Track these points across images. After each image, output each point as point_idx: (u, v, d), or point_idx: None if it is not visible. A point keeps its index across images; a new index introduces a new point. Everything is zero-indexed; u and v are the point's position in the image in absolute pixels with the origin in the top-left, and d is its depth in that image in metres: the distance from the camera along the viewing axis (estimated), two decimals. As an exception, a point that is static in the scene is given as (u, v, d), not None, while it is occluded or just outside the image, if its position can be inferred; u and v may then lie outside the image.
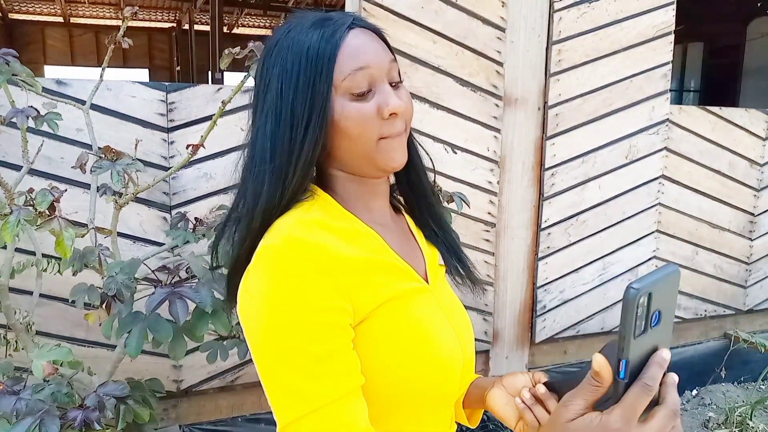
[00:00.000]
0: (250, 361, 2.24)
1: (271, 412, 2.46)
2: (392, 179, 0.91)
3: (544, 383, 0.80)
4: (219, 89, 2.40)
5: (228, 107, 2.34)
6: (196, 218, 2.02)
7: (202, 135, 1.66)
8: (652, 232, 3.20)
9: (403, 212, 0.93)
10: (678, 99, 10.65)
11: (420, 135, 2.64)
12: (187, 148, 1.66)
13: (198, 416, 2.51)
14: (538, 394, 0.79)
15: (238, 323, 2.02)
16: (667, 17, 3.06)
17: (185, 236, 1.93)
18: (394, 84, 0.77)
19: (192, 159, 2.30)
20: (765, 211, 3.51)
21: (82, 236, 1.48)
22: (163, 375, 2.36)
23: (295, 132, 0.73)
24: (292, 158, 0.73)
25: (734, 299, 3.52)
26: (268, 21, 12.05)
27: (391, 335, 0.73)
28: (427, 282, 0.83)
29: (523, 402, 0.79)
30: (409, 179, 0.90)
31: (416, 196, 0.91)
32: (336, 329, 0.68)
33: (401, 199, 0.94)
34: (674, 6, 3.07)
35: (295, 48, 0.73)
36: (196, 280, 1.59)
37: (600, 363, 0.55)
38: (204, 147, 1.70)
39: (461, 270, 0.93)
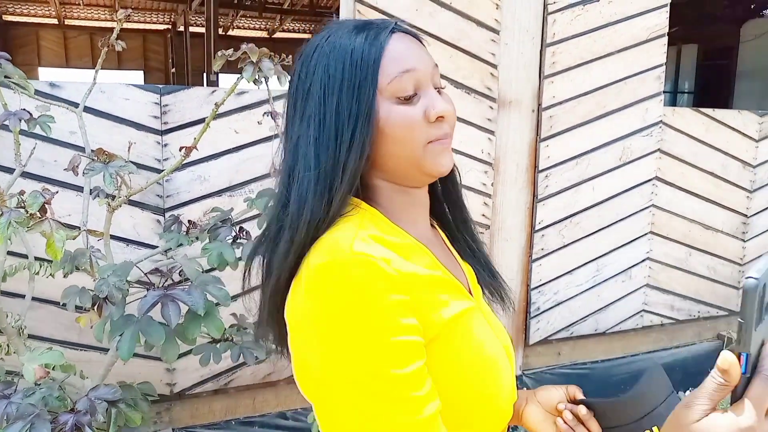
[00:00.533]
0: (244, 364, 2.24)
1: (264, 415, 2.43)
2: None
3: (581, 401, 0.81)
4: (213, 92, 2.40)
5: (221, 110, 2.34)
6: (189, 221, 2.01)
7: (195, 137, 1.66)
8: (646, 234, 3.21)
9: (437, 227, 0.89)
10: (672, 101, 10.68)
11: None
12: (180, 150, 1.66)
13: (191, 419, 2.50)
14: (579, 414, 0.79)
15: (233, 326, 2.00)
16: (661, 19, 3.07)
17: (178, 239, 1.92)
18: (437, 90, 0.75)
19: (185, 161, 2.30)
20: (758, 213, 3.52)
21: (74, 238, 1.48)
22: (156, 378, 2.35)
23: (340, 138, 0.70)
24: (338, 165, 0.69)
25: (727, 300, 3.53)
26: (263, 23, 12.03)
27: (456, 356, 0.70)
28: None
29: (565, 422, 0.80)
30: (446, 191, 0.88)
31: (452, 209, 0.89)
32: (414, 348, 0.64)
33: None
34: (668, 8, 3.08)
35: (338, 52, 0.71)
36: (189, 282, 1.59)
37: (729, 361, 0.53)
38: (197, 149, 1.70)
39: (493, 287, 0.91)
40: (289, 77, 0.80)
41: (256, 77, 1.74)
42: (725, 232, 3.45)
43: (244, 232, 1.71)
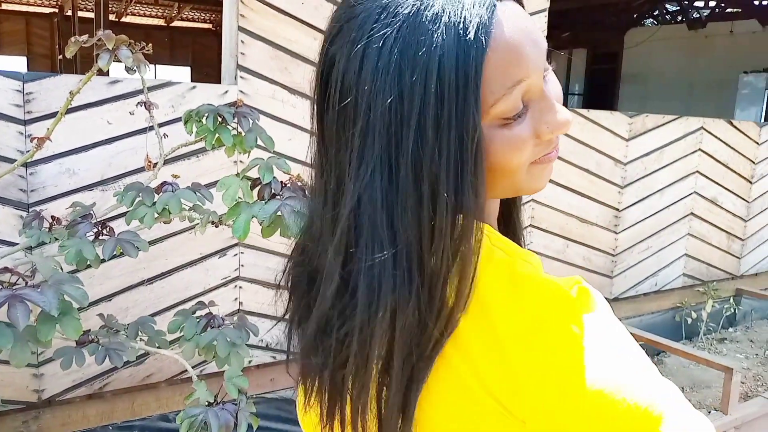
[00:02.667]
0: (117, 368, 2.15)
1: (145, 419, 2.34)
2: None
3: None
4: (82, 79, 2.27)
5: (93, 99, 2.23)
6: (52, 216, 1.89)
7: (48, 128, 1.56)
8: (526, 227, 3.37)
9: None
10: (564, 102, 11.29)
11: (300, 131, 2.62)
12: (31, 141, 1.55)
13: (63, 427, 2.36)
14: None
15: (102, 327, 1.90)
16: (540, 23, 3.23)
17: (39, 236, 1.81)
18: (545, 74, 0.53)
19: (53, 154, 2.17)
20: (628, 207, 3.80)
21: None
22: (21, 385, 2.20)
23: (433, 193, 0.47)
24: (436, 238, 0.48)
25: (601, 289, 3.78)
26: (160, 10, 11.53)
27: None
28: None
29: None
30: (508, 205, 0.68)
31: (514, 220, 0.70)
32: None
33: None
34: (546, 13, 3.24)
35: (416, 56, 0.46)
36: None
37: None
38: (50, 140, 1.60)
39: None
40: (316, 79, 0.54)
41: (130, 65, 1.66)
42: (599, 225, 3.69)
43: (108, 229, 1.63)
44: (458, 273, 0.49)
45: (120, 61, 1.45)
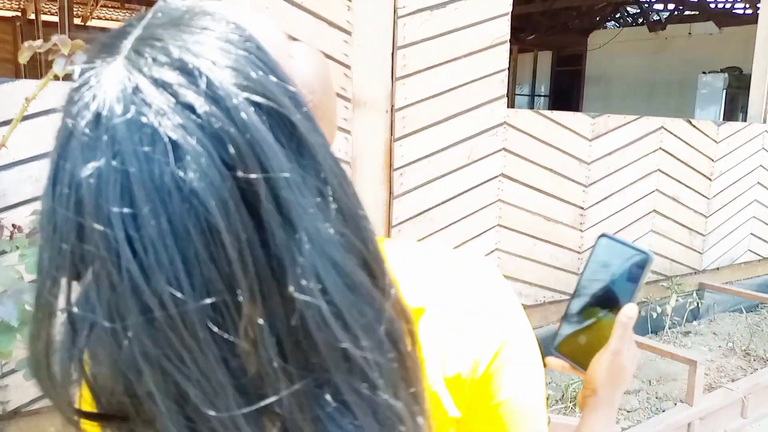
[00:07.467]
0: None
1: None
2: None
3: None
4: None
5: (56, 104, 2.20)
6: (13, 225, 1.87)
7: (4, 135, 1.55)
8: (494, 227, 3.43)
9: None
10: (531, 103, 11.44)
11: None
12: (-11, 149, 1.53)
13: (29, 438, 2.32)
14: None
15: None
16: (503, 27, 3.29)
17: (0, 245, 1.78)
18: None
19: (13, 161, 2.14)
20: (592, 205, 3.89)
21: None
22: (-16, 397, 2.16)
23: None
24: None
25: (569, 285, 3.86)
26: (127, 14, 11.36)
27: None
28: None
29: None
30: None
31: None
32: None
33: None
34: (509, 17, 3.30)
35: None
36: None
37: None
38: (6, 147, 1.58)
39: None
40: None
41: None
42: (565, 224, 3.77)
43: (71, 236, 1.62)
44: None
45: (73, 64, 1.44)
